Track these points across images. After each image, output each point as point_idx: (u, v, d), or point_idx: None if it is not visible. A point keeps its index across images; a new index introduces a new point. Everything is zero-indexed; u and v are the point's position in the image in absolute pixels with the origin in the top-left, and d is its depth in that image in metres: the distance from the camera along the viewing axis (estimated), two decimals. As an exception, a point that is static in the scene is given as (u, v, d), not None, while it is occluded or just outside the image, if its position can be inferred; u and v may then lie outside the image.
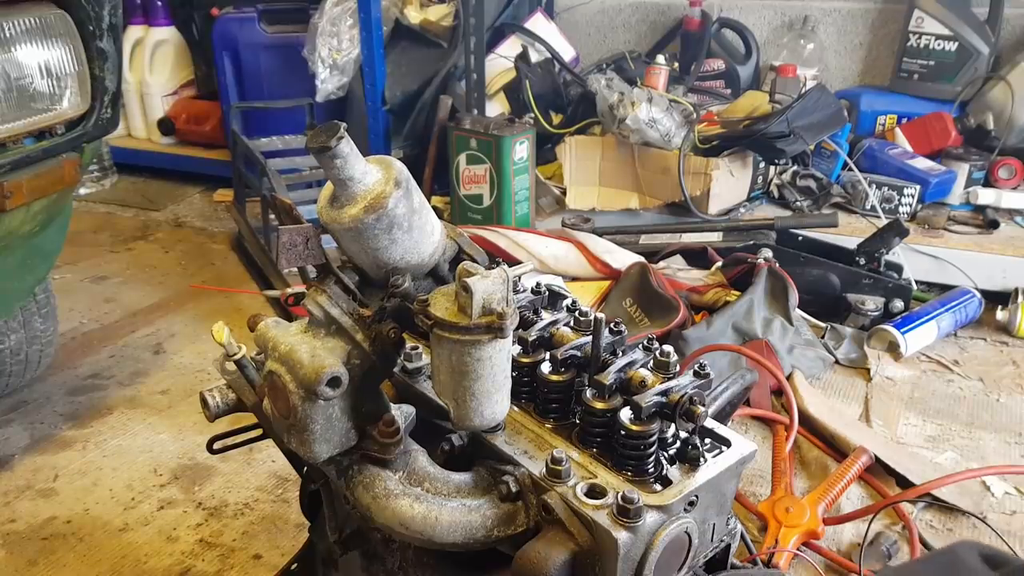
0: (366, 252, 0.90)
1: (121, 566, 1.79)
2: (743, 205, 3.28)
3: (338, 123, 0.82)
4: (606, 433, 0.95)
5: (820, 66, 3.89)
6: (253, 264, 3.27)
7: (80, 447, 2.19)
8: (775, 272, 2.54)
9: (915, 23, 3.49)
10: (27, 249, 1.91)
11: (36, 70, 1.68)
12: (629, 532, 0.83)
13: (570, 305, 1.12)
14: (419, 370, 1.13)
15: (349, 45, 3.46)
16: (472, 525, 0.91)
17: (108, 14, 1.76)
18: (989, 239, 2.97)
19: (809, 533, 1.66)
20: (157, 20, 4.31)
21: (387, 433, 0.93)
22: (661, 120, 3.15)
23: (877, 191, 3.18)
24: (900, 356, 2.51)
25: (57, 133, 1.75)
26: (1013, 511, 1.90)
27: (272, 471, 2.07)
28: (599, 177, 3.40)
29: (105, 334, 2.80)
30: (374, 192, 0.86)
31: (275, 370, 0.90)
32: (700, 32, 3.86)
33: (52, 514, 1.94)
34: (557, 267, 2.79)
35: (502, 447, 0.97)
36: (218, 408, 1.09)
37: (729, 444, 0.96)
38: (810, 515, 1.66)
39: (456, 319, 0.85)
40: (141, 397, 2.42)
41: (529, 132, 3.13)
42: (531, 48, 3.76)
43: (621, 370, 0.96)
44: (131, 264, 3.40)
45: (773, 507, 1.70)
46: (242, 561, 1.79)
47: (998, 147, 3.23)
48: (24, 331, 2.20)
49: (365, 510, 0.95)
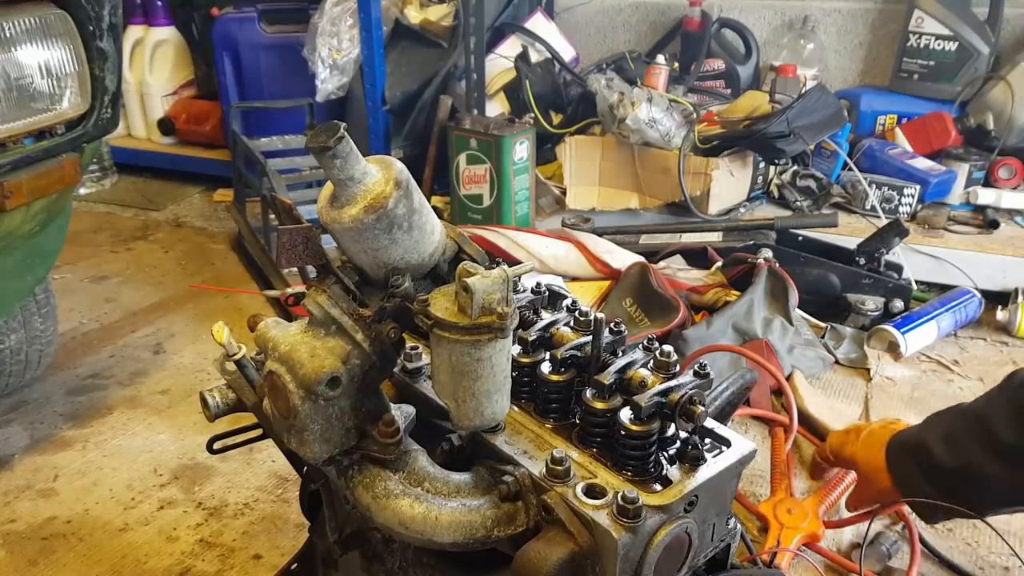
0: (366, 252, 0.90)
1: (121, 566, 1.79)
2: (743, 205, 3.28)
3: (338, 123, 0.82)
4: (606, 433, 0.95)
5: (820, 66, 3.89)
6: (253, 264, 3.27)
7: (80, 447, 2.19)
8: (775, 272, 2.54)
9: (915, 23, 3.49)
10: (27, 249, 1.91)
11: (36, 70, 1.67)
12: (629, 532, 0.83)
13: (570, 305, 1.12)
14: (419, 370, 1.13)
15: (349, 45, 3.46)
16: (472, 525, 0.91)
17: (108, 14, 1.76)
18: (989, 239, 2.97)
19: (810, 536, 1.66)
20: (157, 20, 4.31)
21: (387, 433, 0.93)
22: (661, 120, 3.15)
23: (877, 191, 3.18)
24: (900, 356, 2.51)
25: (57, 133, 1.75)
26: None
27: (272, 471, 2.07)
28: (599, 177, 3.40)
29: (105, 334, 2.80)
30: (374, 192, 0.86)
31: (275, 370, 0.90)
32: (700, 32, 3.86)
33: (52, 514, 1.94)
34: (557, 267, 2.79)
35: (502, 447, 0.97)
36: (218, 408, 1.09)
37: (729, 444, 0.96)
38: (811, 518, 1.66)
39: (456, 319, 0.85)
40: (141, 397, 2.42)
41: (529, 132, 3.13)
42: (531, 48, 3.76)
43: (621, 370, 0.96)
44: (131, 264, 3.40)
45: (774, 508, 1.70)
46: (242, 561, 1.79)
47: (998, 147, 3.23)
48: (24, 331, 2.20)
49: (365, 510, 0.95)
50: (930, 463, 1.23)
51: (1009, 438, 1.12)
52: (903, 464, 1.29)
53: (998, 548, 1.78)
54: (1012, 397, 1.14)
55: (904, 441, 1.30)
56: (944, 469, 1.21)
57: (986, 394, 1.22)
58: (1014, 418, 1.12)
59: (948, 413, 1.28)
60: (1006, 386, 1.18)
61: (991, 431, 1.15)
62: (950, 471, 1.20)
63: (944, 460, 1.21)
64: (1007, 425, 1.12)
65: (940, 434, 1.23)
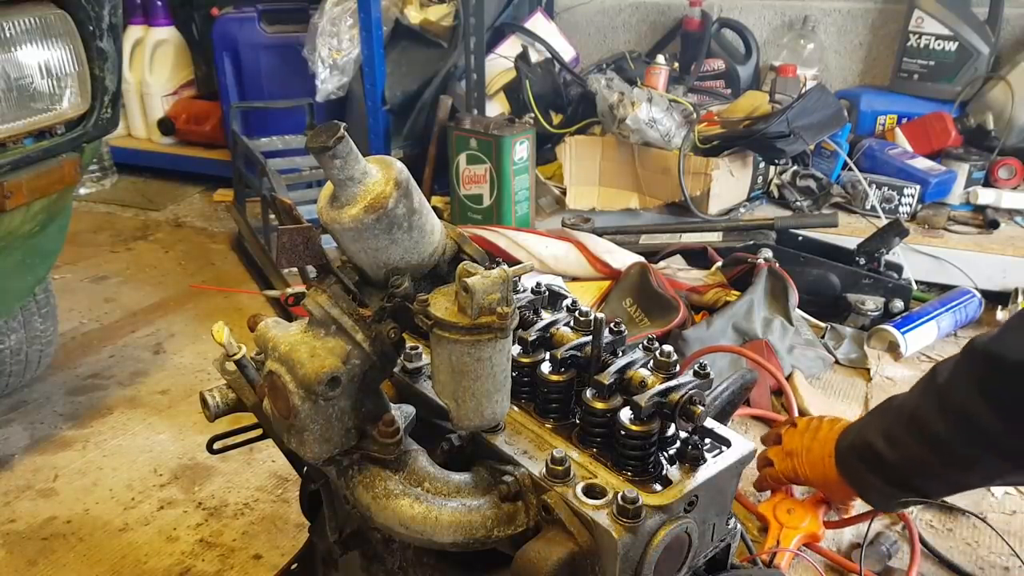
0: (366, 252, 0.90)
1: (121, 566, 1.79)
2: (743, 205, 3.28)
3: (338, 123, 0.82)
4: (606, 433, 0.95)
5: (820, 66, 3.89)
6: (253, 264, 3.27)
7: (80, 447, 2.19)
8: (775, 272, 2.54)
9: (915, 23, 3.49)
10: (27, 249, 1.91)
11: (36, 70, 1.67)
12: (629, 532, 0.83)
13: (570, 305, 1.12)
14: (419, 370, 1.13)
15: (349, 45, 3.46)
16: (472, 525, 0.91)
17: (108, 14, 1.76)
18: (989, 239, 2.97)
19: (810, 536, 1.66)
20: (157, 20, 4.31)
21: (387, 433, 0.93)
22: (661, 120, 3.15)
23: (877, 191, 3.18)
24: (900, 356, 2.51)
25: (57, 133, 1.75)
26: (1013, 511, 1.90)
27: (272, 471, 2.07)
28: (599, 177, 3.40)
29: (105, 334, 2.80)
30: (374, 192, 0.86)
31: (275, 370, 0.90)
32: (700, 32, 3.86)
33: (52, 514, 1.94)
34: (557, 267, 2.79)
35: (502, 447, 0.97)
36: (218, 408, 1.09)
37: (729, 444, 0.96)
38: (811, 518, 1.66)
39: (456, 319, 0.85)
40: (141, 397, 2.42)
41: (529, 132, 3.13)
42: (531, 48, 3.76)
43: (621, 370, 0.96)
44: (131, 264, 3.40)
45: (774, 508, 1.69)
46: (242, 561, 1.79)
47: (998, 147, 3.23)
48: (24, 331, 2.20)
49: (365, 510, 0.95)
50: (876, 460, 1.30)
51: (943, 434, 1.19)
52: (853, 466, 1.37)
53: (998, 548, 1.78)
54: (939, 393, 1.20)
55: (851, 443, 1.38)
56: (890, 464, 1.28)
57: (917, 389, 1.28)
58: (948, 416, 1.18)
59: (886, 410, 1.35)
60: (932, 382, 1.24)
61: (926, 427, 1.21)
62: (895, 465, 1.28)
63: (889, 456, 1.28)
64: (939, 421, 1.19)
65: (881, 432, 1.30)
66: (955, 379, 1.18)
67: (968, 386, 1.14)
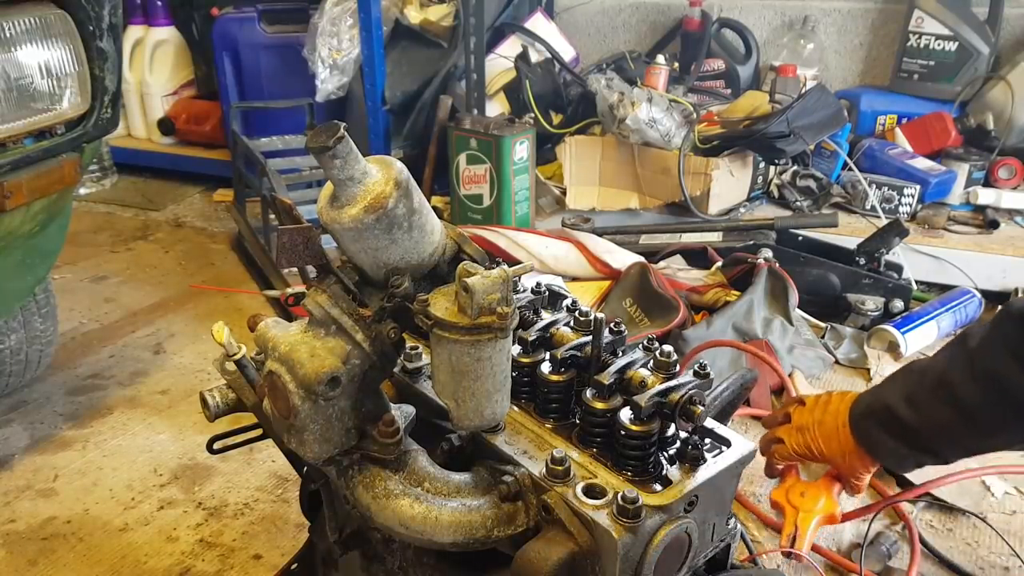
0: (366, 252, 0.90)
1: (121, 566, 1.79)
2: (743, 205, 3.28)
3: (338, 123, 0.82)
4: (606, 433, 0.95)
5: (820, 66, 3.89)
6: (253, 264, 3.27)
7: (80, 447, 2.19)
8: (775, 272, 2.54)
9: (915, 23, 3.49)
10: (27, 249, 1.91)
11: (36, 70, 1.67)
12: (629, 532, 0.83)
13: (570, 305, 1.12)
14: (419, 370, 1.13)
15: (349, 45, 3.46)
16: (472, 525, 0.91)
17: (108, 14, 1.76)
18: (989, 239, 2.97)
19: (828, 518, 1.60)
20: (157, 20, 4.31)
21: (387, 433, 0.93)
22: (661, 120, 3.15)
23: (877, 191, 3.18)
24: (900, 356, 2.51)
25: (57, 133, 1.75)
26: (1013, 511, 1.90)
27: (272, 471, 2.07)
28: (599, 177, 3.40)
29: (105, 334, 2.80)
30: (374, 192, 0.86)
31: (275, 370, 0.90)
32: (700, 32, 3.86)
33: (52, 514, 1.94)
34: (557, 267, 2.79)
35: (502, 447, 0.97)
36: (218, 408, 1.09)
37: (729, 444, 0.96)
38: (826, 498, 1.61)
39: (456, 319, 0.85)
40: (141, 397, 2.42)
41: (529, 132, 3.13)
42: (531, 48, 3.76)
43: (621, 370, 0.96)
44: (131, 264, 3.40)
45: (787, 493, 1.63)
46: (242, 561, 1.79)
47: (998, 147, 3.23)
48: (24, 331, 2.20)
49: (365, 510, 0.95)
50: (896, 423, 1.28)
51: (972, 398, 1.17)
52: (870, 430, 1.33)
53: (998, 548, 1.78)
54: (970, 357, 1.18)
55: (867, 408, 1.34)
56: (911, 427, 1.26)
57: (943, 353, 1.26)
58: (978, 380, 1.16)
59: (908, 373, 1.32)
60: (962, 345, 1.22)
61: (955, 393, 1.19)
62: (916, 428, 1.26)
63: (909, 419, 1.25)
64: (968, 384, 1.17)
65: (903, 396, 1.27)
66: (988, 343, 1.16)
67: (1002, 349, 1.12)
